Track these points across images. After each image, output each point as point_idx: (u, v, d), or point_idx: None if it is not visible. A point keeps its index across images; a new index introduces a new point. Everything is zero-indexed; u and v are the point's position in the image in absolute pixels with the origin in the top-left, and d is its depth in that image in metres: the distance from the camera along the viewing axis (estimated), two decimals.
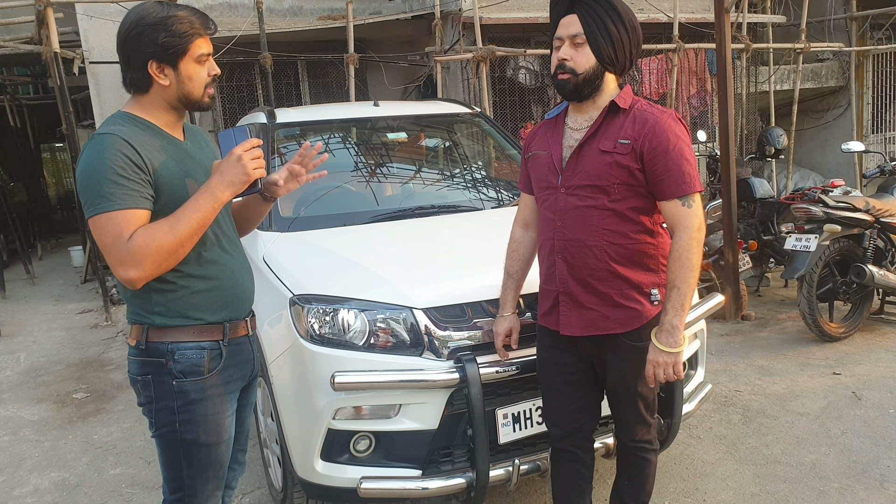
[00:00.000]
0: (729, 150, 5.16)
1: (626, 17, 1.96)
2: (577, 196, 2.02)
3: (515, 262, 2.31)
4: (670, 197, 1.95)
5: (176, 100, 1.75)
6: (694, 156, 1.99)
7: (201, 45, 1.73)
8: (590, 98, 2.03)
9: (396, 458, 2.34)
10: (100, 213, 1.61)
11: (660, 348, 1.96)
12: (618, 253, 2.01)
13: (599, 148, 1.99)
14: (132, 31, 1.69)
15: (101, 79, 6.92)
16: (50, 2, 5.71)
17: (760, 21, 8.28)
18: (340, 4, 7.32)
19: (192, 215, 1.65)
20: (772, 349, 4.59)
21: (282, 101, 7.49)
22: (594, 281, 2.03)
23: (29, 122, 11.30)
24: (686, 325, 2.63)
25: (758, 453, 3.21)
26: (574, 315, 2.08)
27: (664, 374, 1.97)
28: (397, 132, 3.94)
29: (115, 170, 1.61)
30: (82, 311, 6.74)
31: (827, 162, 9.16)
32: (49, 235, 12.37)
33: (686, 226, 1.94)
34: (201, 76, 1.75)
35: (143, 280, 1.65)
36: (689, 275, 1.93)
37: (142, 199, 1.65)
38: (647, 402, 2.16)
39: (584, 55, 1.96)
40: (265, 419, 2.87)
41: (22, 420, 4.17)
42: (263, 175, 1.75)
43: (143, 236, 1.61)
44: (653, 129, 1.94)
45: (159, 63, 1.70)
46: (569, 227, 2.04)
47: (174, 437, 1.80)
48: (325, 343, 2.32)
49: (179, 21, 1.69)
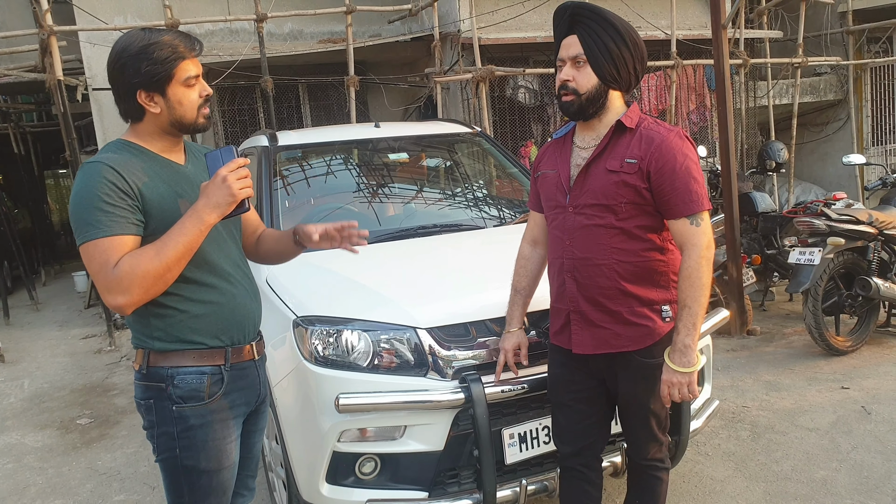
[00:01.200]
0: (730, 165, 5.17)
1: (626, 34, 1.97)
2: (585, 215, 2.02)
3: (523, 279, 2.31)
4: (678, 216, 1.95)
5: (169, 125, 1.75)
6: (702, 174, 1.99)
7: (187, 67, 1.71)
8: (595, 117, 2.04)
9: (402, 480, 2.31)
10: (88, 241, 1.61)
11: (674, 368, 1.95)
12: (627, 271, 2.00)
13: (606, 167, 1.99)
14: (117, 64, 1.69)
15: (104, 105, 6.98)
16: (53, 30, 5.78)
17: (757, 36, 8.35)
18: (340, 27, 7.40)
19: (178, 239, 1.63)
20: (778, 364, 4.56)
21: (283, 124, 7.54)
22: (604, 299, 2.03)
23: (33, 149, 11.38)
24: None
25: (768, 470, 3.18)
26: (586, 333, 2.07)
27: (679, 394, 1.96)
28: (398, 153, 3.96)
29: (102, 197, 1.61)
30: (86, 337, 6.74)
31: (828, 175, 9.17)
32: (52, 261, 12.41)
33: (695, 244, 1.93)
34: (191, 99, 1.73)
35: (132, 306, 1.63)
36: (700, 293, 1.92)
37: (129, 225, 1.64)
38: (659, 420, 2.14)
39: (586, 75, 1.97)
40: (270, 442, 2.85)
41: (26, 447, 4.14)
42: (250, 195, 1.71)
43: (129, 262, 1.60)
44: (659, 148, 1.94)
45: (147, 91, 1.69)
46: (577, 246, 2.04)
47: (175, 463, 1.78)
48: (328, 365, 2.31)
49: (160, 47, 1.67)
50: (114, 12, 6.93)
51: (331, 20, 7.56)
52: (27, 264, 8.81)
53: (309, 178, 3.70)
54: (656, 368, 2.02)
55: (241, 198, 1.68)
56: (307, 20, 7.53)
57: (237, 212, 1.71)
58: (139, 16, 7.02)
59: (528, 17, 7.04)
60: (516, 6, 6.88)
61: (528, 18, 7.05)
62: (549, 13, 7.28)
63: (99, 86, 6.85)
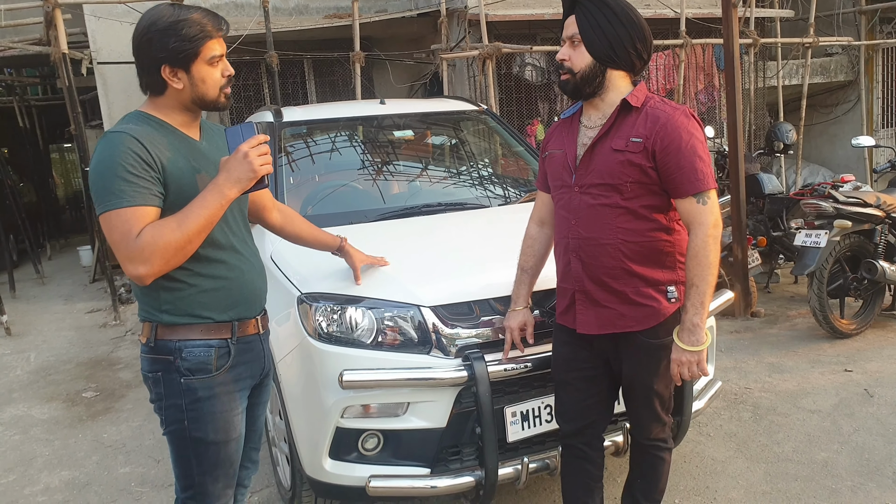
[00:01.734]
0: (737, 146, 5.13)
1: (623, 14, 1.95)
2: (591, 195, 2.02)
3: (530, 258, 2.30)
4: (684, 195, 1.94)
5: (190, 101, 1.77)
6: (708, 152, 1.97)
7: (213, 46, 1.73)
8: (595, 96, 2.03)
9: (405, 457, 2.33)
10: (110, 210, 1.63)
11: (682, 347, 1.95)
12: (632, 251, 2.00)
13: (612, 146, 1.98)
14: (144, 37, 1.70)
15: (108, 79, 6.94)
16: (58, 3, 5.73)
17: (768, 16, 8.23)
18: (346, 3, 7.32)
19: (199, 212, 1.66)
20: (782, 346, 4.56)
21: (288, 100, 7.49)
22: (609, 279, 2.02)
23: (38, 122, 11.36)
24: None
25: (769, 451, 3.19)
26: (591, 313, 2.07)
27: (689, 373, 1.97)
28: (404, 130, 3.93)
29: (126, 167, 1.62)
30: (91, 311, 6.78)
31: (836, 157, 9.09)
32: (58, 235, 12.45)
33: (701, 223, 1.92)
34: (215, 78, 1.76)
35: (151, 276, 1.65)
36: (707, 272, 1.91)
37: (151, 197, 1.66)
38: (663, 400, 2.15)
39: (580, 54, 1.98)
40: (273, 418, 2.87)
41: (32, 419, 4.19)
42: (270, 171, 1.74)
43: (151, 233, 1.62)
44: (664, 127, 1.92)
45: (172, 67, 1.71)
46: (583, 226, 2.03)
47: (183, 435, 1.80)
48: (332, 341, 2.32)
49: (189, 24, 1.69)
50: None
51: None
52: (32, 238, 8.84)
53: (314, 155, 3.69)
54: (661, 349, 2.02)
55: (261, 174, 1.71)
56: None
57: (257, 187, 1.74)
58: None
59: None
60: None
61: None
62: None
63: (104, 59, 6.82)
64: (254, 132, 1.73)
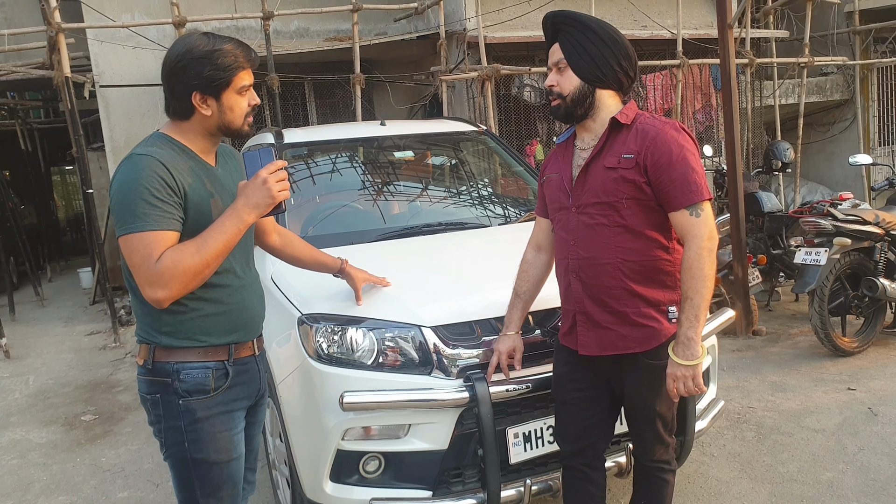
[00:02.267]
0: (736, 165, 5.15)
1: (604, 34, 2.00)
2: (588, 214, 2.02)
3: (524, 283, 2.30)
4: (678, 207, 1.94)
5: (216, 128, 1.80)
6: (700, 164, 1.98)
7: (244, 77, 1.78)
8: (587, 118, 2.06)
9: (406, 479, 2.31)
10: (132, 233, 1.64)
11: (678, 362, 1.93)
12: (632, 270, 1.99)
13: (605, 165, 2.00)
14: (179, 63, 1.72)
15: (110, 102, 6.99)
16: (62, 27, 5.79)
17: (764, 36, 8.31)
18: (346, 26, 7.39)
19: (218, 237, 1.68)
20: (784, 364, 4.54)
21: (289, 122, 7.53)
22: (610, 299, 2.02)
23: (39, 145, 11.42)
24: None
25: (773, 471, 3.16)
26: (592, 335, 2.06)
27: (685, 388, 1.94)
28: (404, 151, 3.95)
29: (150, 191, 1.64)
30: (91, 333, 6.76)
31: (834, 175, 9.13)
32: (58, 257, 12.47)
33: (695, 235, 1.92)
34: (242, 106, 1.79)
35: (169, 300, 1.67)
36: (702, 285, 1.90)
37: (173, 221, 1.67)
38: (665, 421, 2.13)
39: (568, 78, 2.02)
40: (274, 440, 2.85)
41: (30, 443, 4.16)
42: (288, 197, 1.76)
43: (171, 257, 1.63)
44: (654, 141, 1.94)
45: (203, 94, 1.74)
46: (582, 246, 2.04)
47: (184, 457, 1.80)
48: (333, 362, 2.31)
49: (224, 55, 1.73)
50: (121, 10, 6.94)
51: (337, 18, 7.56)
52: (33, 260, 8.84)
53: (315, 176, 3.70)
54: (662, 370, 2.00)
55: (279, 199, 1.73)
56: (313, 18, 7.53)
57: (274, 212, 1.76)
58: (147, 13, 7.02)
59: (533, 16, 7.02)
60: (522, 5, 6.86)
61: (533, 17, 7.03)
62: None
63: (106, 83, 6.87)
64: (272, 157, 1.75)
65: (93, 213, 6.53)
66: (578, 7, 7.33)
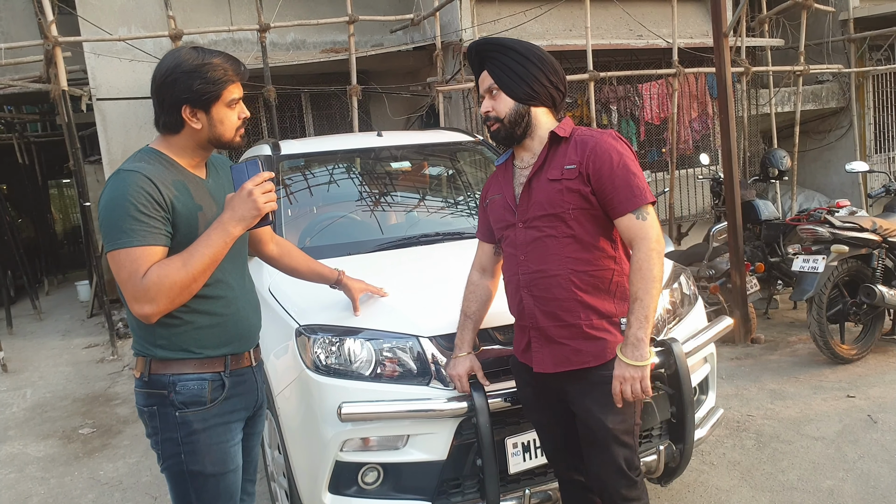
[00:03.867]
0: (732, 173, 5.16)
1: (529, 53, 2.03)
2: (536, 227, 2.03)
3: (472, 304, 2.29)
4: (624, 212, 1.94)
5: (206, 141, 1.80)
6: (640, 169, 1.98)
7: (233, 90, 1.78)
8: (526, 137, 2.08)
9: (405, 490, 2.30)
10: (119, 249, 1.64)
11: (626, 362, 1.89)
12: (583, 281, 1.99)
13: (548, 177, 2.02)
14: (168, 77, 1.73)
15: (107, 115, 7.01)
16: (58, 41, 5.81)
17: (759, 45, 8.36)
18: (343, 37, 7.43)
19: (204, 251, 1.68)
20: (783, 372, 4.54)
21: (286, 133, 7.56)
22: (562, 312, 2.00)
23: (37, 158, 11.42)
24: (696, 349, 2.64)
25: (773, 479, 3.15)
26: (545, 351, 2.03)
27: (631, 391, 1.89)
28: (401, 161, 3.96)
29: (137, 206, 1.65)
30: (88, 346, 6.74)
31: (831, 182, 9.16)
32: (56, 271, 12.44)
33: (643, 237, 1.91)
34: (232, 120, 1.80)
35: (157, 315, 1.67)
36: (651, 286, 1.88)
37: (160, 236, 1.68)
38: (627, 448, 1.98)
39: (502, 101, 2.05)
40: (272, 452, 2.84)
41: (28, 457, 4.14)
42: (274, 209, 1.76)
43: (157, 273, 1.64)
44: (594, 150, 1.96)
45: (192, 108, 1.74)
46: (531, 260, 2.04)
47: (181, 469, 1.79)
48: (331, 373, 2.30)
49: (214, 68, 1.74)
50: (118, 23, 6.97)
51: (333, 30, 7.60)
52: (30, 274, 8.82)
53: (311, 187, 3.71)
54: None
55: (265, 211, 1.74)
56: (310, 30, 7.56)
57: (261, 224, 1.76)
58: (143, 27, 7.05)
59: (529, 27, 7.06)
60: (517, 15, 6.90)
61: (529, 28, 7.07)
62: (550, 22, 7.31)
63: (103, 96, 6.89)
64: (258, 169, 1.75)
65: (90, 226, 6.53)
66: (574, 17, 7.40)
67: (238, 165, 1.77)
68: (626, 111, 7.89)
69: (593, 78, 6.83)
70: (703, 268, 5.33)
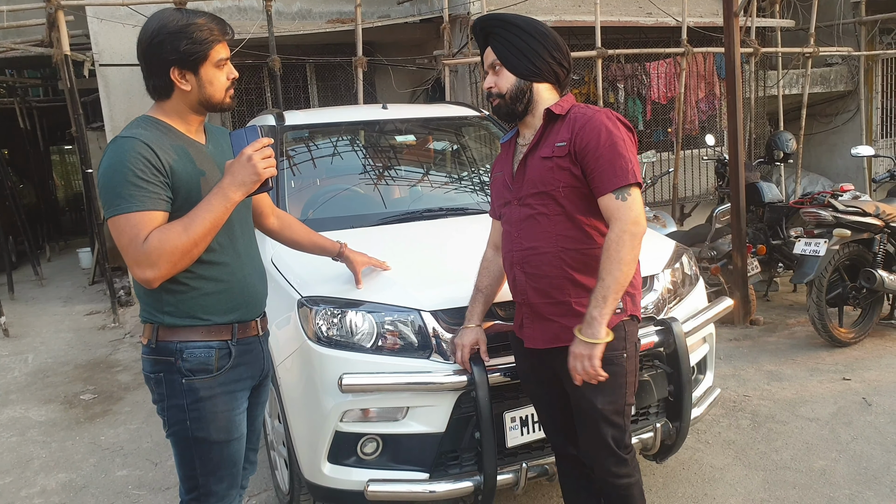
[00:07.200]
0: (738, 155, 5.14)
1: (532, 28, 2.02)
2: (529, 205, 2.03)
3: (485, 279, 2.30)
4: (605, 191, 1.92)
5: (197, 103, 1.80)
6: (630, 150, 1.94)
7: (220, 50, 1.78)
8: (528, 114, 2.08)
9: (404, 461, 2.33)
10: (118, 214, 1.65)
11: (578, 338, 1.89)
12: (574, 259, 1.99)
13: (540, 155, 2.02)
14: (154, 40, 1.72)
15: (110, 81, 6.95)
16: (61, 5, 5.75)
17: (769, 25, 8.26)
18: (349, 8, 7.34)
19: (205, 216, 1.69)
20: (781, 354, 4.57)
21: (290, 104, 7.50)
22: (552, 289, 2.01)
23: (38, 124, 11.36)
24: (696, 329, 2.65)
25: (767, 459, 3.19)
26: (536, 327, 2.06)
27: (581, 367, 1.88)
28: (405, 135, 3.94)
29: (135, 172, 1.65)
30: (90, 313, 6.77)
31: (836, 166, 9.12)
32: (57, 237, 12.45)
33: (619, 218, 1.88)
34: (221, 80, 1.80)
35: (159, 280, 1.68)
36: (616, 268, 1.85)
37: (159, 201, 1.68)
38: (616, 428, 1.99)
39: (504, 77, 2.05)
40: (272, 421, 2.87)
41: (29, 421, 4.18)
42: (274, 174, 1.77)
43: (157, 237, 1.64)
44: (584, 128, 1.94)
45: (181, 69, 1.74)
46: (525, 237, 2.05)
47: (186, 435, 1.82)
48: (332, 345, 2.32)
49: (199, 28, 1.73)
50: None
51: (339, 0, 7.50)
52: (32, 240, 8.83)
53: (315, 159, 3.70)
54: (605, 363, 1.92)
55: (265, 177, 1.74)
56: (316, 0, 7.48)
57: (261, 190, 1.77)
58: None
59: (538, 2, 6.98)
60: None
61: (538, 2, 6.99)
62: None
63: (106, 61, 6.82)
64: (258, 135, 1.76)
65: (92, 192, 6.52)
66: None
67: (237, 132, 1.77)
68: (633, 90, 7.82)
69: (601, 55, 6.76)
70: (705, 249, 5.33)
